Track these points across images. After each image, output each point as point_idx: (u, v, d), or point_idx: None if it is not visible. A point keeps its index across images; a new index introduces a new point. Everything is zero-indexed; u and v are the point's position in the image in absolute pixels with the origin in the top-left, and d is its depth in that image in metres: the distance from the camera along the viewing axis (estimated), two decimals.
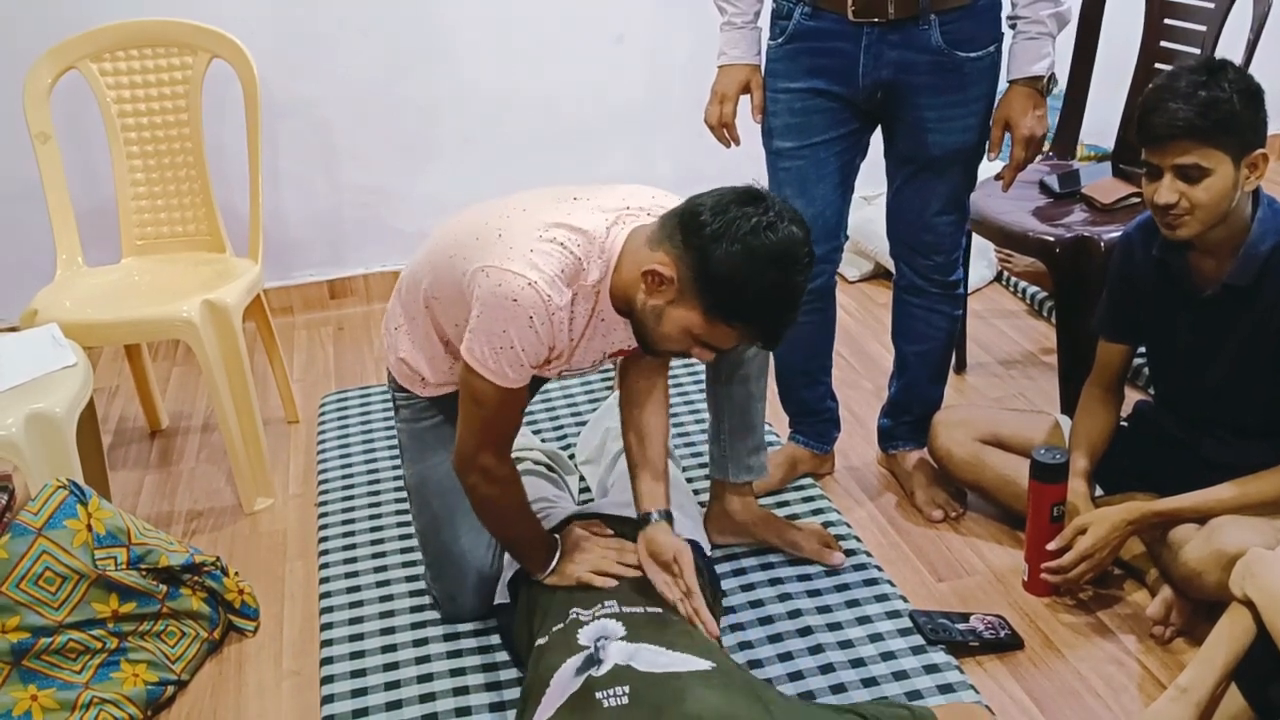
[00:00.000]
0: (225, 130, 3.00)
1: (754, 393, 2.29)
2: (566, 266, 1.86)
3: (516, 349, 1.86)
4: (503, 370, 1.88)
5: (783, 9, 2.29)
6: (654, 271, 1.81)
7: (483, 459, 1.99)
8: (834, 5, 2.20)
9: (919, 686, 2.05)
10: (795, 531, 2.39)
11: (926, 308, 2.49)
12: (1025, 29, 2.23)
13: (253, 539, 2.62)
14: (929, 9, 2.16)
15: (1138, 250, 2.19)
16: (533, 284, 1.83)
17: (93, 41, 2.81)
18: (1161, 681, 2.05)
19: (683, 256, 1.79)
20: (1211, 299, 2.08)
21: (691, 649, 1.80)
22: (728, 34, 2.35)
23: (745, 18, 2.33)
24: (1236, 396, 2.13)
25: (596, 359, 2.05)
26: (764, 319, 1.83)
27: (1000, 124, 2.28)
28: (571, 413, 2.95)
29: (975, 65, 2.23)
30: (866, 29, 2.19)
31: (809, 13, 2.23)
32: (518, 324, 1.84)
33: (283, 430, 3.03)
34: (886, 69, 2.21)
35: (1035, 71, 2.24)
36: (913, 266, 2.46)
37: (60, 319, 2.53)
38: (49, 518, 2.06)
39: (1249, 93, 1.95)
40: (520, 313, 1.83)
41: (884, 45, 2.20)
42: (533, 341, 1.86)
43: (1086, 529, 2.14)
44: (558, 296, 1.85)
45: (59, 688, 2.06)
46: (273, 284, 3.53)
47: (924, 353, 2.53)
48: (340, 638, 2.26)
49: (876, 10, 2.16)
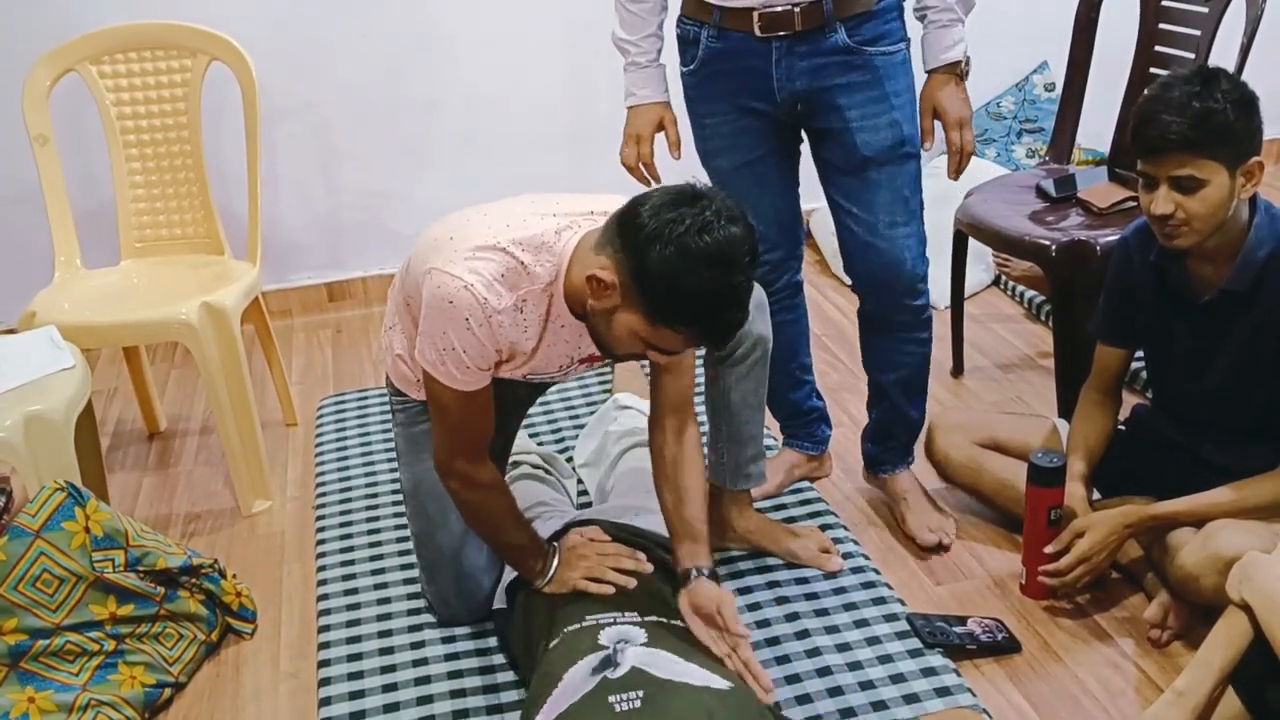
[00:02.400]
0: (224, 133, 3.01)
1: (752, 402, 2.28)
2: (508, 270, 1.86)
3: (458, 350, 1.87)
4: (450, 372, 1.90)
5: (689, 34, 2.26)
6: (595, 276, 1.79)
7: (457, 464, 2.01)
8: (740, 24, 2.18)
9: (916, 690, 2.05)
10: (792, 539, 2.39)
11: (895, 338, 2.41)
12: (935, 18, 2.23)
13: (250, 541, 2.62)
14: (834, 17, 2.15)
15: (1134, 255, 2.19)
16: (469, 286, 1.83)
17: (92, 44, 2.81)
18: (1159, 685, 2.05)
19: (622, 260, 1.76)
20: (1209, 304, 2.09)
21: (711, 665, 1.79)
22: (633, 75, 2.33)
23: (649, 56, 2.31)
24: (1234, 401, 2.14)
25: (564, 363, 2.04)
26: (705, 321, 1.78)
27: (928, 114, 2.26)
28: (569, 416, 2.96)
29: (887, 61, 2.20)
30: (775, 43, 2.17)
31: (715, 34, 2.22)
32: (455, 326, 1.85)
33: (281, 433, 3.03)
34: (800, 79, 2.19)
35: (950, 58, 2.23)
36: (875, 296, 2.37)
37: (59, 321, 2.53)
38: (47, 520, 2.06)
39: (1243, 102, 1.95)
40: (457, 314, 1.84)
41: (794, 57, 2.18)
42: (473, 344, 1.87)
43: (1084, 532, 2.15)
44: (495, 300, 1.85)
45: (56, 690, 2.06)
46: (271, 286, 3.53)
47: (900, 380, 2.45)
48: (338, 640, 2.25)
49: (782, 24, 2.15)
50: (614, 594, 1.99)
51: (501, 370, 1.99)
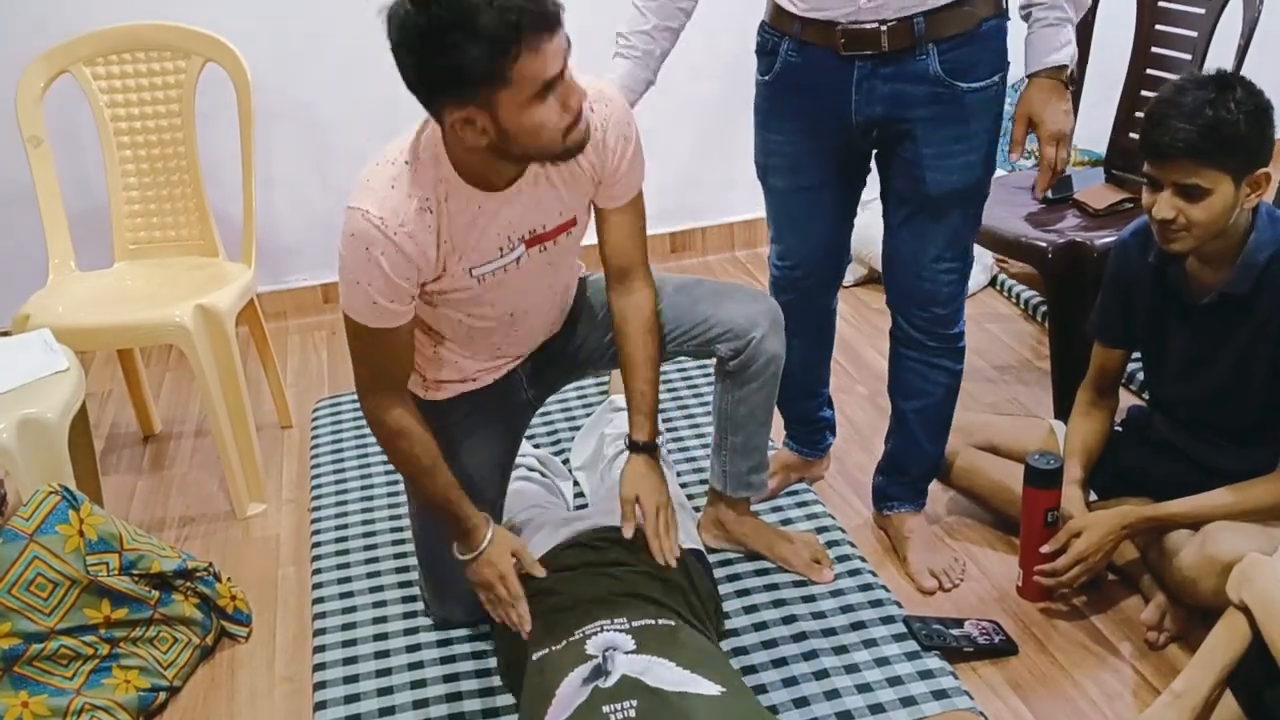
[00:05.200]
0: (218, 134, 3.00)
1: (760, 416, 2.25)
2: (396, 177, 1.82)
3: (363, 285, 1.84)
4: (356, 307, 1.87)
5: (768, 43, 2.14)
6: (454, 123, 1.72)
7: (372, 400, 1.97)
8: (822, 39, 2.04)
9: (913, 692, 2.05)
10: (786, 545, 2.38)
11: (924, 362, 2.31)
12: (1041, 15, 2.03)
13: (245, 545, 2.61)
14: (926, 37, 2.00)
15: (1133, 255, 2.18)
16: (365, 213, 1.80)
17: (86, 45, 2.80)
18: (1156, 687, 2.05)
19: (436, 82, 1.69)
20: (1208, 307, 2.08)
21: (702, 668, 1.78)
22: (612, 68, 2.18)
23: (634, 51, 2.17)
24: (1232, 403, 2.13)
25: (503, 245, 1.92)
26: (519, 18, 1.63)
27: (1022, 121, 2.10)
28: (566, 417, 2.95)
29: (977, 96, 2.05)
30: (858, 63, 2.03)
31: (795, 47, 2.09)
32: (359, 260, 1.82)
33: (276, 435, 3.02)
34: (880, 105, 2.06)
35: (1057, 61, 2.04)
36: (909, 318, 2.29)
37: (52, 324, 2.52)
38: (40, 523, 2.05)
39: (1257, 112, 1.91)
40: (359, 246, 1.81)
41: (877, 80, 2.04)
42: (377, 275, 1.82)
43: (1081, 533, 2.14)
44: (393, 216, 1.80)
45: (50, 694, 2.05)
46: (266, 288, 3.52)
47: (922, 409, 2.35)
48: (333, 643, 2.25)
49: (868, 43, 2.00)
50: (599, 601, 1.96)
51: (443, 282, 1.91)
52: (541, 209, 1.93)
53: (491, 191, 1.87)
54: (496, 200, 1.88)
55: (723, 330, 2.13)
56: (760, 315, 2.14)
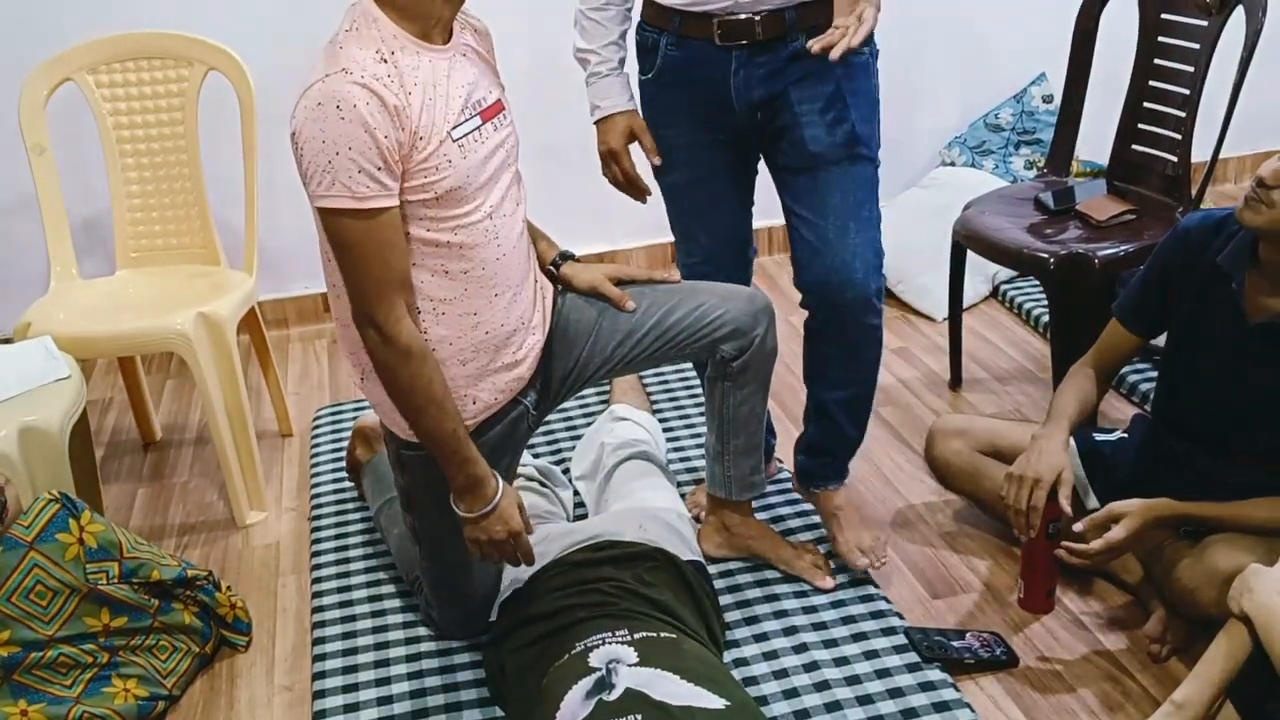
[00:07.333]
0: (221, 142, 3.00)
1: (759, 412, 2.27)
2: (343, 44, 1.78)
3: (344, 154, 1.72)
4: (343, 186, 1.74)
5: (648, 41, 2.22)
6: None
7: (374, 313, 1.82)
8: (699, 32, 2.14)
9: (914, 704, 2.04)
10: (789, 549, 2.39)
11: (843, 355, 2.29)
12: None
13: (245, 553, 2.61)
14: (795, 26, 2.10)
15: (1194, 249, 2.10)
16: (325, 77, 1.73)
17: (89, 53, 2.81)
18: (1156, 699, 2.04)
19: None
20: (1264, 328, 2.02)
21: (705, 681, 1.77)
22: (596, 86, 2.26)
23: (610, 65, 2.24)
24: (1254, 428, 2.09)
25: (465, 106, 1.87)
26: None
27: None
28: (566, 427, 2.95)
29: (847, 66, 2.11)
30: (735, 52, 2.13)
31: (675, 42, 2.18)
32: (330, 127, 1.71)
33: (276, 444, 3.02)
34: (759, 87, 2.15)
35: None
36: (824, 308, 2.24)
37: (54, 331, 2.52)
38: (40, 531, 2.05)
39: None
40: (328, 112, 1.71)
41: (753, 66, 2.14)
42: (359, 132, 1.71)
43: (1120, 518, 2.07)
44: (354, 64, 1.74)
45: (49, 702, 2.05)
46: (267, 296, 3.52)
47: (846, 399, 2.34)
48: (333, 653, 2.24)
49: (743, 33, 2.11)
50: (601, 614, 1.95)
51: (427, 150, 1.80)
52: (479, 83, 1.93)
53: (433, 46, 1.86)
54: (444, 59, 1.87)
55: (729, 330, 2.16)
56: (761, 313, 2.18)
